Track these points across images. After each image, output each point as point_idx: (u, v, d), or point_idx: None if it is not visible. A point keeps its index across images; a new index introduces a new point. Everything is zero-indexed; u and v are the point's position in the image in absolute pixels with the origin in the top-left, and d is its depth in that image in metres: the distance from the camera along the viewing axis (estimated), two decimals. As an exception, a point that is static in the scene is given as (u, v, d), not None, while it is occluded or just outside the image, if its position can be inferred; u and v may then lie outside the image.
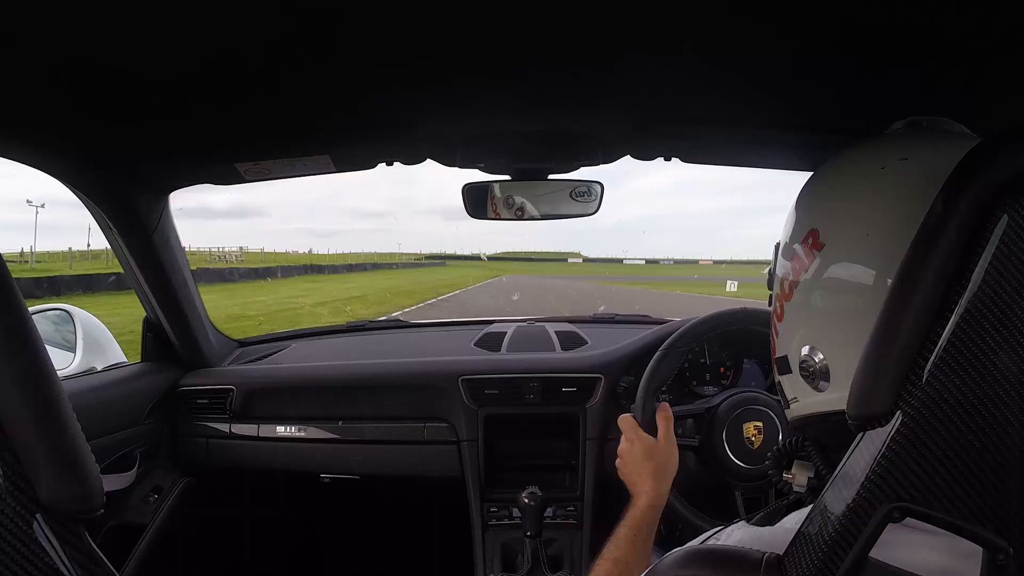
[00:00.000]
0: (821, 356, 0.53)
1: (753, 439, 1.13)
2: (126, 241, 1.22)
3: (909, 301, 0.38)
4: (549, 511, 1.34)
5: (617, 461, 0.96)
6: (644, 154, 1.11)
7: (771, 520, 0.55)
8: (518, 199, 1.17)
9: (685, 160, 1.11)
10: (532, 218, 1.19)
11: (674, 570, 0.46)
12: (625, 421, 0.98)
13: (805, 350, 0.54)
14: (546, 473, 1.41)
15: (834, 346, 0.52)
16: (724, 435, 1.14)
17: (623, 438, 0.97)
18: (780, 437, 1.12)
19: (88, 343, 1.37)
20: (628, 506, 0.89)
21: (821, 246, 0.53)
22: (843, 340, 0.51)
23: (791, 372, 0.56)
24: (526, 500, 1.20)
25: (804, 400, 0.55)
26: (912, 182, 0.48)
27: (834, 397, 0.52)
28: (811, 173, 0.60)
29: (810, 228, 0.54)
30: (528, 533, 1.21)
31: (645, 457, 0.92)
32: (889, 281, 0.45)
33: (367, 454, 1.42)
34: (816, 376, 0.53)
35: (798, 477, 0.61)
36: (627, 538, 0.85)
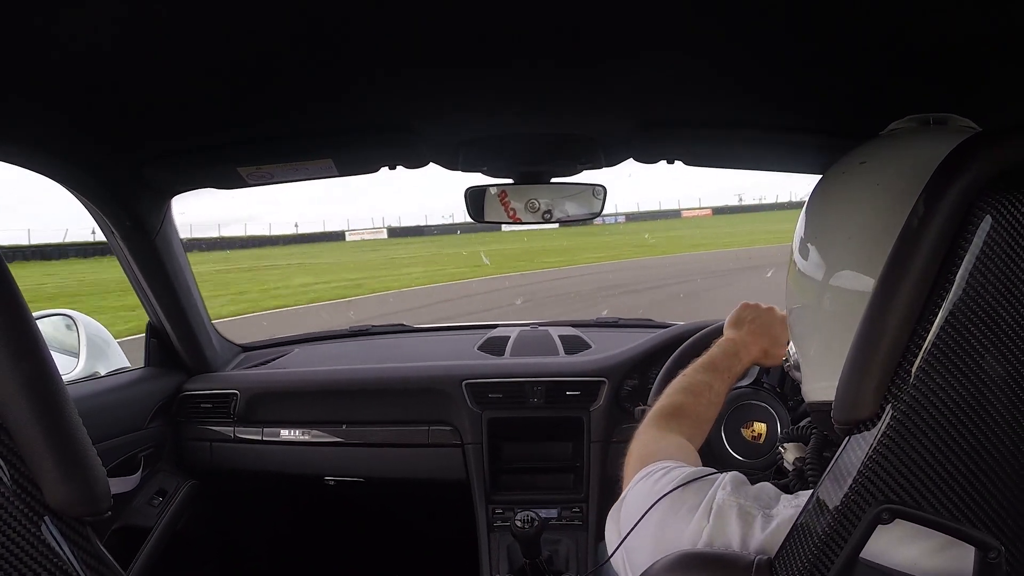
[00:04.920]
0: (794, 350, 0.57)
1: (752, 434, 1.12)
2: (128, 245, 1.22)
3: (892, 305, 0.37)
4: (554, 511, 1.34)
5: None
6: (647, 157, 1.11)
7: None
8: (529, 200, 1.17)
9: (688, 163, 1.10)
10: (545, 221, 1.18)
11: (665, 573, 0.47)
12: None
13: (791, 344, 0.59)
14: (550, 475, 1.41)
15: (799, 340, 0.56)
16: (723, 426, 1.13)
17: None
18: (779, 432, 1.11)
19: (91, 348, 1.37)
20: None
21: (803, 247, 0.56)
22: (804, 336, 0.55)
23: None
24: (520, 524, 1.10)
25: (802, 388, 0.59)
26: (872, 185, 0.49)
27: (808, 388, 0.55)
28: (819, 177, 0.60)
29: (801, 231, 0.57)
30: (526, 560, 1.17)
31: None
32: (835, 283, 0.50)
33: (371, 457, 1.42)
34: (794, 368, 0.58)
35: (788, 454, 0.66)
36: (697, 366, 0.84)
